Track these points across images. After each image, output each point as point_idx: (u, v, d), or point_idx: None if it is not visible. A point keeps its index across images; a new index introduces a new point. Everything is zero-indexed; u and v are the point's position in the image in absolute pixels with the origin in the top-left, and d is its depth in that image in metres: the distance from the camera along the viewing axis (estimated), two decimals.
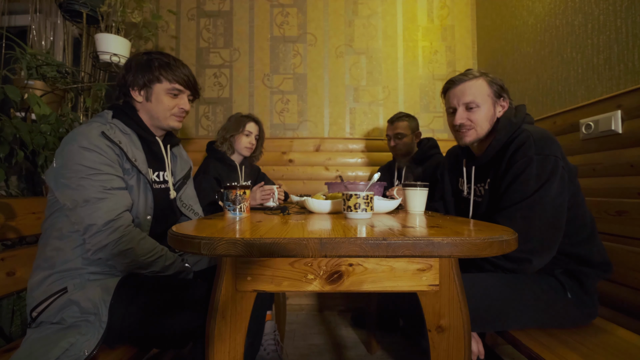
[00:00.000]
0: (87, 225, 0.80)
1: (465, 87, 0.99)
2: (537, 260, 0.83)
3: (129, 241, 0.83)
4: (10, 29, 1.93)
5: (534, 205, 0.83)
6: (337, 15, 2.17)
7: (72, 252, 0.83)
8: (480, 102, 0.98)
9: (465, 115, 1.00)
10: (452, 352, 0.60)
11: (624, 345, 0.79)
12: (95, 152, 0.82)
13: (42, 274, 0.82)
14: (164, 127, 1.02)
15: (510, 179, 0.88)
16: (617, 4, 1.19)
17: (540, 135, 0.87)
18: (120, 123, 0.94)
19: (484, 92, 0.99)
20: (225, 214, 0.88)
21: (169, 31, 2.14)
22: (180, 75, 0.98)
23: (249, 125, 1.64)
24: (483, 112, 0.98)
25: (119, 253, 0.82)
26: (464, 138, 1.02)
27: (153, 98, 0.97)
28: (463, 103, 1.00)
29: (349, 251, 0.51)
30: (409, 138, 1.70)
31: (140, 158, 0.94)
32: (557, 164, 0.83)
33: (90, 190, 0.81)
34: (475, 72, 1.01)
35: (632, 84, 1.13)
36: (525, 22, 1.70)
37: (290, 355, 1.49)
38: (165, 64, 0.96)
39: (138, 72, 0.95)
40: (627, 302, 1.03)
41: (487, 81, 0.99)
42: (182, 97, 1.01)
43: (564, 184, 0.84)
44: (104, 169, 0.83)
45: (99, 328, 0.76)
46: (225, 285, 0.60)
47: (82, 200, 0.80)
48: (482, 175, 1.02)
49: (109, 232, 0.81)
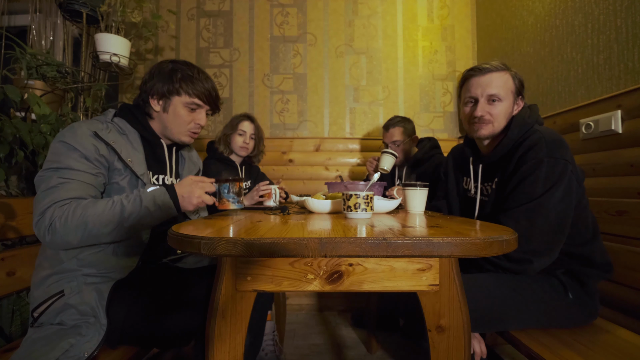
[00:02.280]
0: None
1: (492, 78, 0.94)
2: (538, 262, 0.82)
3: (65, 220, 0.74)
4: (10, 28, 1.93)
5: (540, 207, 0.82)
6: (337, 15, 2.17)
7: (66, 253, 0.82)
8: (503, 97, 0.94)
9: (487, 107, 0.95)
10: (452, 352, 0.60)
11: (625, 346, 0.79)
12: (73, 149, 0.80)
13: (43, 273, 0.82)
14: (175, 140, 1.01)
15: (518, 179, 0.87)
16: (617, 4, 1.19)
17: (553, 138, 0.86)
18: (122, 121, 0.93)
19: (508, 87, 0.95)
20: (221, 207, 0.87)
21: (169, 31, 2.14)
22: (201, 90, 0.96)
23: (243, 124, 1.62)
24: (504, 108, 0.95)
25: (65, 234, 0.75)
26: (479, 131, 0.97)
27: (170, 110, 0.95)
28: (487, 94, 0.95)
29: (349, 251, 0.51)
30: (406, 144, 1.67)
31: (137, 159, 0.91)
32: (567, 168, 0.82)
33: (49, 181, 0.78)
34: (500, 64, 0.96)
35: (632, 83, 1.13)
36: (525, 22, 1.70)
37: (290, 355, 1.48)
38: (187, 77, 0.94)
39: (159, 81, 0.94)
40: (627, 302, 1.03)
41: (512, 75, 0.96)
42: (201, 111, 0.99)
43: (572, 188, 0.83)
44: (75, 164, 0.80)
45: (99, 330, 0.76)
46: (225, 285, 0.60)
47: (39, 191, 0.78)
48: (490, 174, 1.00)
49: (41, 221, 0.75)
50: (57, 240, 0.76)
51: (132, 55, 1.83)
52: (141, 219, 0.81)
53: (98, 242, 0.81)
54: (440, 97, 2.17)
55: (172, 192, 0.84)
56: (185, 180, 0.87)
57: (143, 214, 0.80)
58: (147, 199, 0.81)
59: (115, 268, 0.84)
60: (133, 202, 0.80)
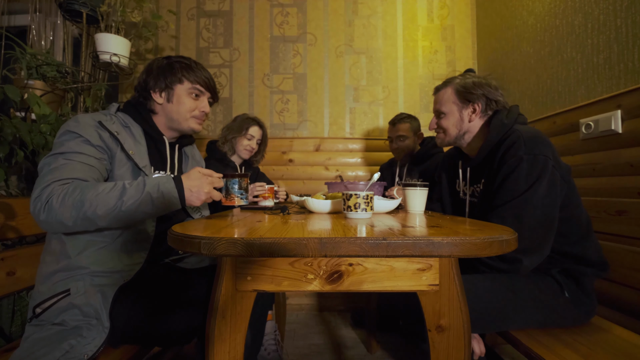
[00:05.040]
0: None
1: (436, 97, 1.11)
2: (528, 260, 0.83)
3: (62, 198, 0.72)
4: (10, 28, 1.93)
5: (524, 204, 0.83)
6: (337, 15, 2.17)
7: (73, 248, 0.81)
8: (446, 110, 1.06)
9: (434, 122, 1.12)
10: (452, 351, 0.61)
11: (623, 344, 0.79)
12: (78, 135, 0.81)
13: (49, 269, 0.81)
14: (184, 130, 1.01)
15: (501, 178, 0.89)
16: (617, 4, 1.19)
17: (531, 135, 0.88)
18: (125, 116, 0.94)
19: (449, 100, 1.06)
20: (228, 203, 0.87)
21: (169, 31, 2.14)
22: (201, 77, 0.99)
23: (252, 129, 1.63)
24: (449, 119, 1.06)
25: (60, 210, 0.72)
26: (437, 141, 1.14)
27: (174, 99, 0.97)
28: (435, 111, 1.12)
29: (349, 251, 0.51)
30: (410, 140, 1.70)
31: (139, 152, 0.91)
32: (547, 163, 0.83)
33: (53, 163, 0.77)
34: (455, 78, 1.07)
35: (632, 83, 1.13)
36: (525, 22, 1.70)
37: (290, 355, 1.49)
38: (186, 66, 0.97)
39: (160, 75, 0.96)
40: (626, 301, 1.03)
41: (454, 89, 1.05)
42: (203, 99, 1.01)
43: (555, 183, 0.84)
44: (79, 148, 0.79)
45: (102, 333, 0.75)
46: (225, 285, 0.60)
47: (41, 173, 0.77)
48: (477, 176, 1.04)
49: (39, 198, 0.73)
50: (52, 219, 0.72)
51: (132, 55, 1.83)
52: (141, 205, 0.76)
53: (93, 228, 0.77)
54: None
55: (179, 182, 0.80)
56: (193, 173, 0.83)
57: (144, 199, 0.76)
58: (150, 184, 0.77)
59: (122, 265, 0.84)
60: (136, 186, 0.77)
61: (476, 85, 1.01)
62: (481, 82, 1.01)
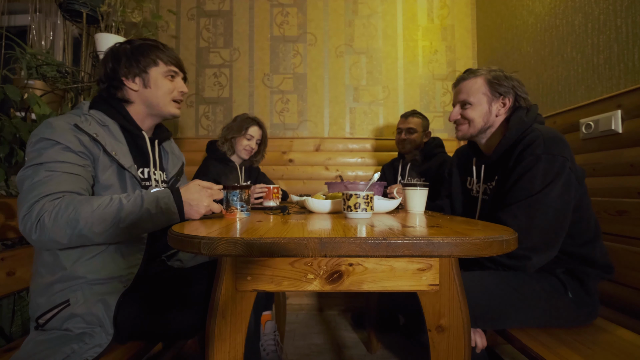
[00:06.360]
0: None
1: (462, 86, 1.05)
2: (537, 259, 0.83)
3: (55, 215, 0.69)
4: (10, 28, 1.94)
5: (538, 203, 0.83)
6: (337, 15, 2.17)
7: (67, 258, 0.78)
8: (474, 101, 1.02)
9: (458, 112, 1.06)
10: (452, 351, 0.60)
11: (625, 345, 0.79)
12: (55, 142, 0.75)
13: (43, 281, 0.78)
14: (164, 115, 0.98)
15: (517, 176, 0.88)
16: (617, 4, 1.19)
17: (550, 135, 0.87)
18: (99, 113, 0.88)
19: (479, 91, 1.01)
20: (229, 216, 0.81)
21: (169, 31, 2.14)
22: (172, 56, 0.96)
23: (252, 129, 1.63)
24: (476, 110, 1.02)
25: (53, 231, 0.69)
26: (457, 133, 1.09)
27: (151, 84, 0.92)
28: (458, 101, 1.06)
29: (349, 251, 0.51)
30: (418, 135, 1.72)
31: (121, 151, 0.86)
32: (565, 164, 0.83)
33: (34, 176, 0.72)
34: (481, 70, 1.03)
35: (632, 83, 1.13)
36: (525, 22, 1.70)
37: (290, 355, 1.49)
38: (155, 47, 0.94)
39: (131, 59, 0.90)
40: (627, 302, 1.03)
41: (486, 79, 1.01)
42: (178, 79, 0.98)
43: (570, 185, 0.83)
44: (60, 157, 0.75)
45: (105, 339, 0.74)
46: (225, 285, 0.60)
47: (23, 188, 0.72)
48: (491, 173, 1.03)
49: (28, 216, 0.69)
50: (45, 238, 0.69)
51: None
52: (140, 221, 0.75)
53: (89, 243, 0.76)
54: (440, 97, 2.17)
55: (177, 196, 0.79)
56: (192, 186, 0.81)
57: (143, 215, 0.74)
58: (149, 199, 0.76)
59: (120, 270, 0.82)
60: (133, 201, 0.75)
61: (507, 78, 1.00)
62: (512, 76, 1.01)
